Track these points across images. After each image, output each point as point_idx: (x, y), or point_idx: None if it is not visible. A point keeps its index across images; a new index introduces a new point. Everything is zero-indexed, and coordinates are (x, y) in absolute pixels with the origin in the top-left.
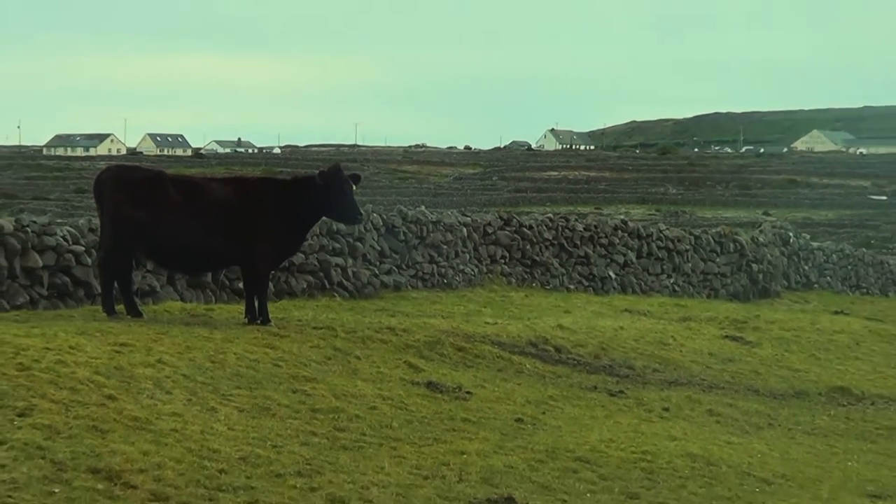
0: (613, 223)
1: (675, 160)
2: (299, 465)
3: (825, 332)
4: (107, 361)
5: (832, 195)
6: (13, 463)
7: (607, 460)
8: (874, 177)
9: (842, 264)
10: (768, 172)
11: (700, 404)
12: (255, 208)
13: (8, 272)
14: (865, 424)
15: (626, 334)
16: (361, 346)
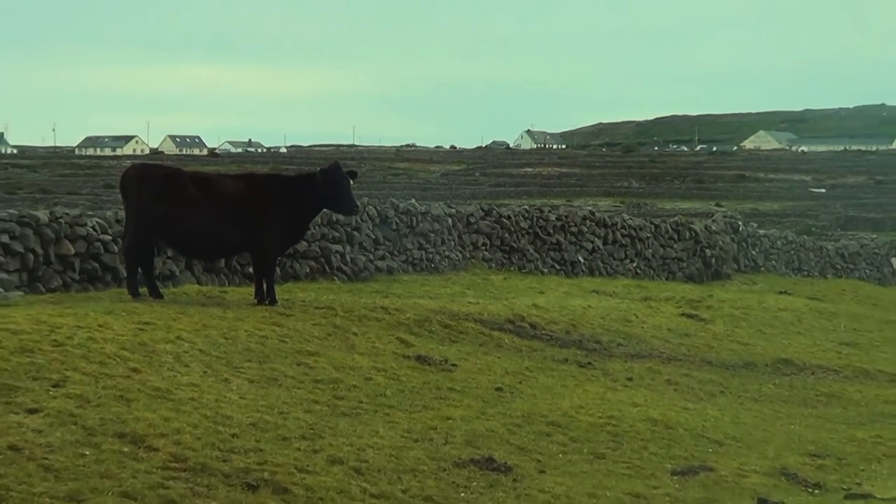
0: (582, 214)
1: (638, 157)
2: (303, 430)
3: (771, 310)
4: (132, 338)
5: (777, 188)
6: (49, 428)
7: (577, 424)
8: (814, 172)
9: (785, 250)
10: (720, 168)
11: (660, 374)
12: (264, 201)
13: (43, 259)
14: (807, 392)
15: (594, 312)
16: (358, 323)
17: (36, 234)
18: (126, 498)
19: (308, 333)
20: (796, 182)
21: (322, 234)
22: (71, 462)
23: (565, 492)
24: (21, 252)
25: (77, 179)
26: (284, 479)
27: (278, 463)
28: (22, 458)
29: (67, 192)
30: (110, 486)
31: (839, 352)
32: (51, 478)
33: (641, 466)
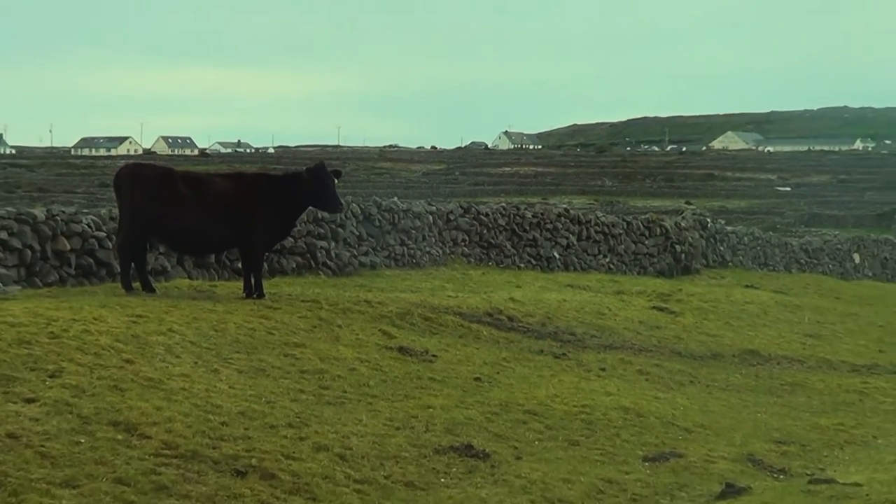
0: (557, 211)
1: (611, 157)
2: (290, 418)
3: (738, 303)
4: (125, 330)
5: (744, 187)
6: (45, 417)
7: (553, 413)
8: (779, 171)
9: (752, 245)
10: (689, 167)
11: (631, 365)
12: (252, 200)
13: (41, 255)
14: (772, 381)
15: (569, 305)
16: (343, 316)
17: (33, 230)
18: (120, 484)
19: (294, 326)
20: (762, 181)
21: (308, 230)
22: (67, 449)
23: (541, 477)
24: (19, 248)
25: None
26: (272, 466)
27: (266, 450)
28: (20, 445)
29: (64, 191)
30: (105, 472)
31: (803, 343)
32: (47, 464)
33: (614, 453)
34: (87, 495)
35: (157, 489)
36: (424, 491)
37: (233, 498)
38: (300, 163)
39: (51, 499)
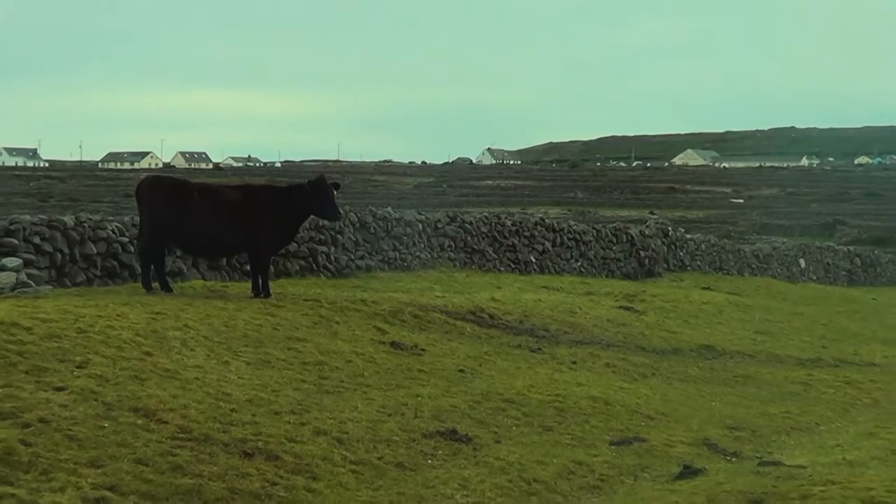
0: (534, 220)
1: (583, 172)
2: (292, 405)
3: (695, 303)
4: (145, 326)
5: (702, 199)
6: (73, 404)
7: (529, 401)
8: (734, 185)
9: (708, 251)
10: (653, 181)
11: (600, 358)
12: (260, 209)
13: (70, 257)
14: (726, 373)
15: (544, 305)
16: (341, 314)
17: (63, 236)
18: (139, 464)
19: (297, 322)
20: (718, 193)
21: (310, 236)
22: (92, 433)
23: (518, 459)
24: (50, 252)
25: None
26: (276, 448)
27: (271, 434)
28: (50, 429)
29: (92, 200)
30: (126, 453)
31: (754, 339)
32: (75, 446)
33: (584, 437)
34: (110, 474)
35: (172, 469)
36: (413, 471)
37: (241, 477)
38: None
39: (77, 477)
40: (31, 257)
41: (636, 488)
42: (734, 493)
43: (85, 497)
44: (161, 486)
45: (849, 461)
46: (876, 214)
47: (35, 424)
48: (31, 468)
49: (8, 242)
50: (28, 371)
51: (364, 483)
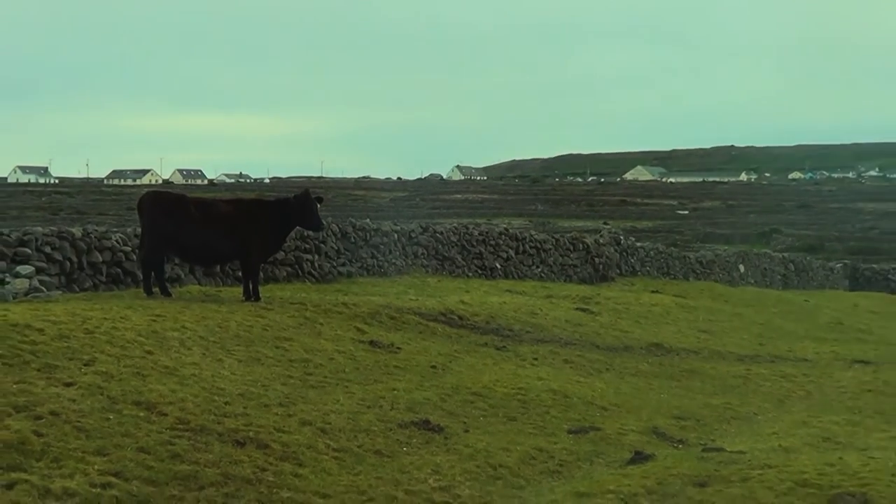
0: (499, 230)
1: (543, 187)
2: (280, 399)
3: (645, 305)
4: (146, 327)
5: (650, 211)
6: (81, 398)
7: (494, 394)
8: (679, 198)
9: (657, 258)
10: (606, 195)
11: (559, 355)
12: (250, 221)
13: (77, 265)
14: (673, 368)
15: (508, 307)
16: (324, 315)
17: (72, 245)
18: (141, 452)
19: (284, 323)
20: (665, 206)
21: (296, 245)
22: (98, 424)
23: (485, 446)
24: (60, 260)
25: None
26: (266, 437)
27: (261, 425)
28: (60, 421)
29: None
30: (129, 442)
31: (698, 337)
32: (82, 436)
33: (544, 427)
34: (115, 462)
35: (171, 457)
36: (390, 458)
37: (234, 464)
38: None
39: (85, 464)
40: (43, 265)
41: (592, 472)
42: (681, 477)
43: (92, 482)
44: (161, 473)
45: (784, 447)
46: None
47: (46, 417)
48: (42, 456)
49: (22, 252)
50: (40, 368)
51: (345, 469)
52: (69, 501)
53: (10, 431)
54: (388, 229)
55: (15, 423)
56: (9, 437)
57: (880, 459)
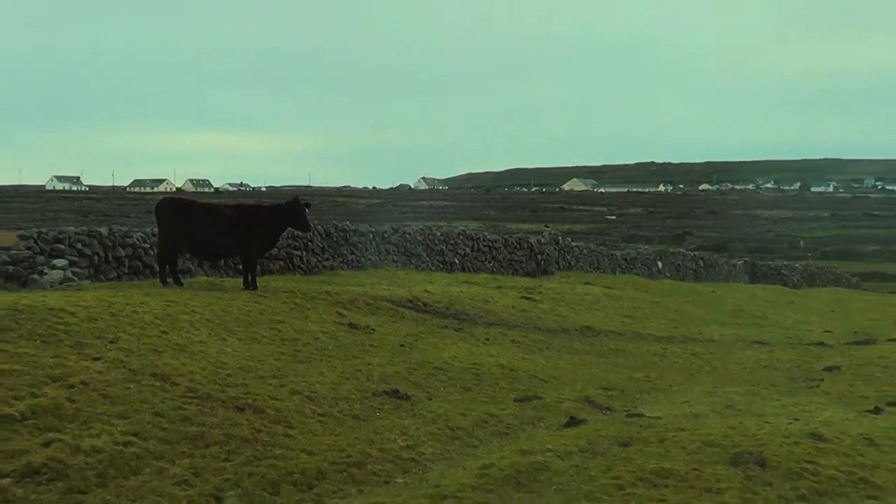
0: (457, 231)
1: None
2: (274, 371)
3: (579, 294)
4: (162, 311)
5: (584, 215)
6: (106, 370)
7: (453, 368)
8: (608, 205)
9: (589, 255)
10: (547, 203)
11: (507, 336)
12: (249, 222)
13: (104, 259)
14: (602, 347)
15: (465, 295)
16: (311, 302)
17: (99, 242)
18: (157, 416)
19: (278, 308)
20: (597, 212)
21: (287, 244)
22: (121, 392)
23: (445, 412)
24: (89, 254)
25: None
26: (262, 404)
27: (257, 393)
28: (89, 389)
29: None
30: (147, 407)
31: (623, 321)
32: (108, 402)
33: (494, 396)
34: (135, 423)
35: (182, 420)
36: (366, 421)
37: (234, 426)
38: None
39: (110, 426)
40: (75, 259)
41: (534, 434)
42: (608, 438)
43: (115, 441)
44: (173, 433)
45: (694, 413)
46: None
47: (77, 386)
48: (74, 419)
49: (57, 248)
50: (72, 345)
51: (328, 430)
52: (96, 457)
53: (47, 398)
54: (365, 230)
55: (51, 392)
56: (46, 403)
57: (774, 424)
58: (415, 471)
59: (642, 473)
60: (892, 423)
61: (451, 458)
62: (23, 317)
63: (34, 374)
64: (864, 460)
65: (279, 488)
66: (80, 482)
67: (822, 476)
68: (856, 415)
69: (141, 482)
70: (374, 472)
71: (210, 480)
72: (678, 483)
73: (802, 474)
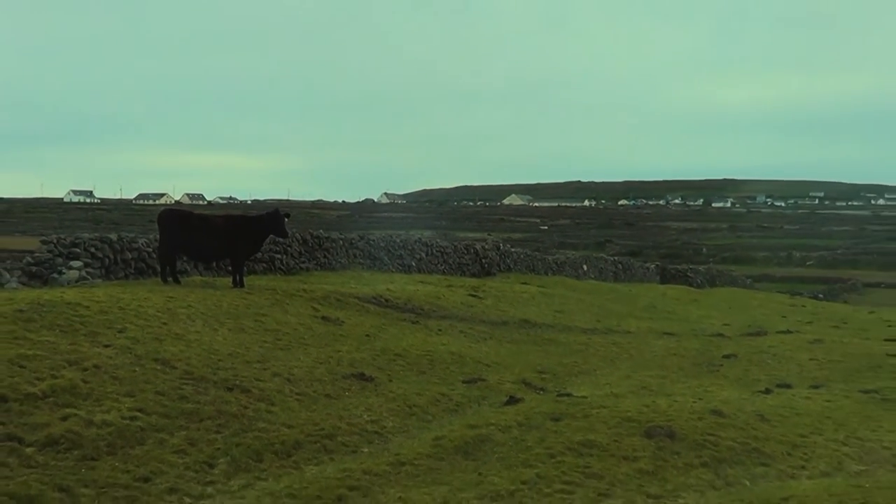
0: (415, 239)
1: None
2: (258, 357)
3: (517, 292)
4: (163, 305)
5: (521, 226)
6: (116, 355)
7: (410, 354)
8: (542, 217)
9: (525, 260)
10: (490, 214)
11: (456, 327)
12: (237, 230)
13: (113, 261)
14: (536, 337)
15: (421, 292)
16: (289, 298)
17: (109, 247)
18: (159, 395)
19: (262, 303)
20: (532, 222)
21: (270, 248)
22: (128, 374)
23: (404, 392)
24: (101, 257)
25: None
26: (248, 385)
27: (244, 375)
28: (100, 372)
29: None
30: (150, 387)
31: (554, 315)
32: (116, 383)
33: (446, 378)
34: (139, 401)
35: (180, 398)
36: (336, 399)
37: (225, 403)
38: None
39: (118, 403)
40: (89, 261)
41: (479, 411)
42: (541, 413)
43: (123, 416)
44: (172, 409)
45: (614, 393)
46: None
47: (91, 369)
48: (88, 397)
49: (73, 251)
50: (86, 334)
51: (304, 407)
52: (106, 429)
53: (65, 379)
54: (335, 237)
55: (68, 374)
56: (64, 384)
57: (681, 402)
58: (378, 442)
59: (571, 444)
60: (780, 402)
61: (408, 431)
62: (44, 310)
63: (54, 359)
64: (756, 433)
65: (263, 456)
66: (93, 451)
67: (722, 446)
68: (749, 395)
69: (144, 451)
70: (344, 443)
71: (204, 450)
72: (601, 452)
73: (705, 444)
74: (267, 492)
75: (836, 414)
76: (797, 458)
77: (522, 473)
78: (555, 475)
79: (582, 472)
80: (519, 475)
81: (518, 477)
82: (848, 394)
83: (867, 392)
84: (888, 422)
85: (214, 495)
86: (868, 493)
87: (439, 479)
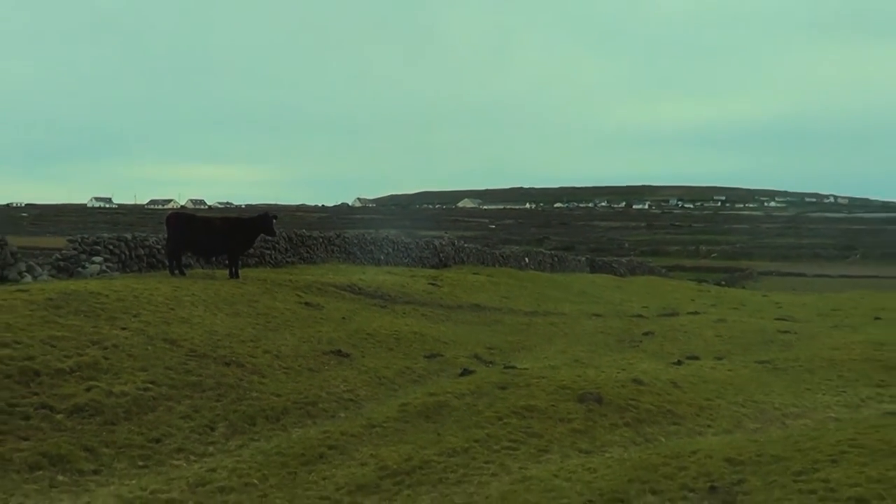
0: (383, 236)
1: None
2: (251, 337)
3: (470, 281)
4: (171, 294)
5: (472, 225)
6: (131, 336)
7: (380, 334)
8: (490, 218)
9: (476, 254)
10: (447, 216)
11: (419, 311)
12: (233, 230)
13: (128, 256)
14: (486, 319)
15: (389, 282)
16: (278, 287)
17: (126, 245)
18: (167, 369)
19: (254, 292)
20: (483, 222)
21: (260, 245)
22: (141, 352)
23: (375, 365)
24: (118, 253)
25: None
26: (243, 360)
27: (239, 353)
28: (118, 351)
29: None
30: (160, 363)
31: (501, 300)
32: (132, 360)
33: (410, 353)
34: (152, 375)
35: (186, 372)
36: (317, 372)
37: (223, 376)
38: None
39: (133, 377)
40: (108, 256)
41: (438, 381)
42: (491, 383)
43: (138, 387)
44: (179, 381)
45: (552, 366)
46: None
47: (110, 347)
48: (108, 371)
49: (95, 248)
50: (106, 318)
51: (290, 379)
52: (124, 399)
53: (89, 356)
54: (316, 236)
55: (91, 352)
56: (88, 360)
57: (607, 373)
58: (353, 408)
59: (515, 408)
60: (690, 372)
61: (378, 398)
62: (70, 298)
63: (79, 339)
64: (670, 398)
65: (256, 421)
66: (113, 417)
67: (641, 409)
68: (664, 366)
69: (156, 417)
70: (324, 409)
71: (206, 415)
72: (540, 415)
73: (627, 408)
74: (259, 451)
75: (736, 381)
76: (704, 418)
77: (475, 433)
78: (502, 434)
79: (525, 431)
80: (472, 435)
81: (471, 436)
82: (745, 364)
83: (761, 362)
84: (778, 387)
85: (215, 454)
86: (762, 446)
87: (405, 438)
